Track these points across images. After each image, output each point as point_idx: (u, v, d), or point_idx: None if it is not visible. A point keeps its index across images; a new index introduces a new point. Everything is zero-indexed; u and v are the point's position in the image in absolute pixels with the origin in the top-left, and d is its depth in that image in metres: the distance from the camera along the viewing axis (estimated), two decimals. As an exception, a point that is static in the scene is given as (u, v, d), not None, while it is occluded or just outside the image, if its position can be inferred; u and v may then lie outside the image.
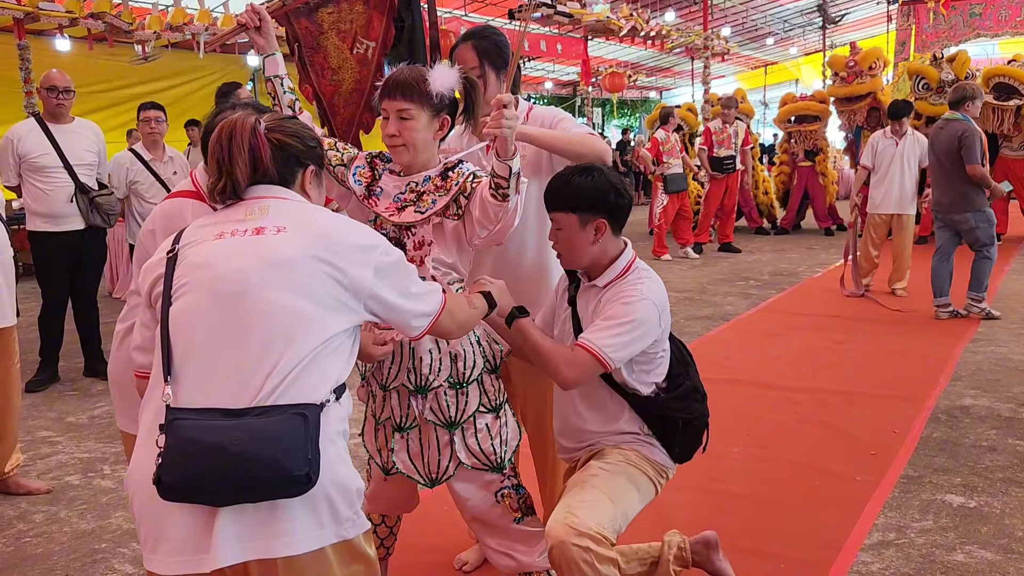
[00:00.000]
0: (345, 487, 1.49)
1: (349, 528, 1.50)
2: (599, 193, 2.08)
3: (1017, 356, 4.99)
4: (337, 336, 1.54)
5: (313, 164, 1.71)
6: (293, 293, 1.49)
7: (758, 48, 23.98)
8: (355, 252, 1.57)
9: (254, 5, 2.20)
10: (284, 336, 1.46)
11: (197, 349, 1.48)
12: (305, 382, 1.46)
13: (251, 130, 1.59)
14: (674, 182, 9.45)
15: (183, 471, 1.38)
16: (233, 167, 1.58)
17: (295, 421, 1.40)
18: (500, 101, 1.85)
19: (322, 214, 1.63)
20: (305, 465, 1.38)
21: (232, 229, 1.56)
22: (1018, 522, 2.89)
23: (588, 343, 2.03)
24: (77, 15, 9.31)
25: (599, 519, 1.95)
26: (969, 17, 12.76)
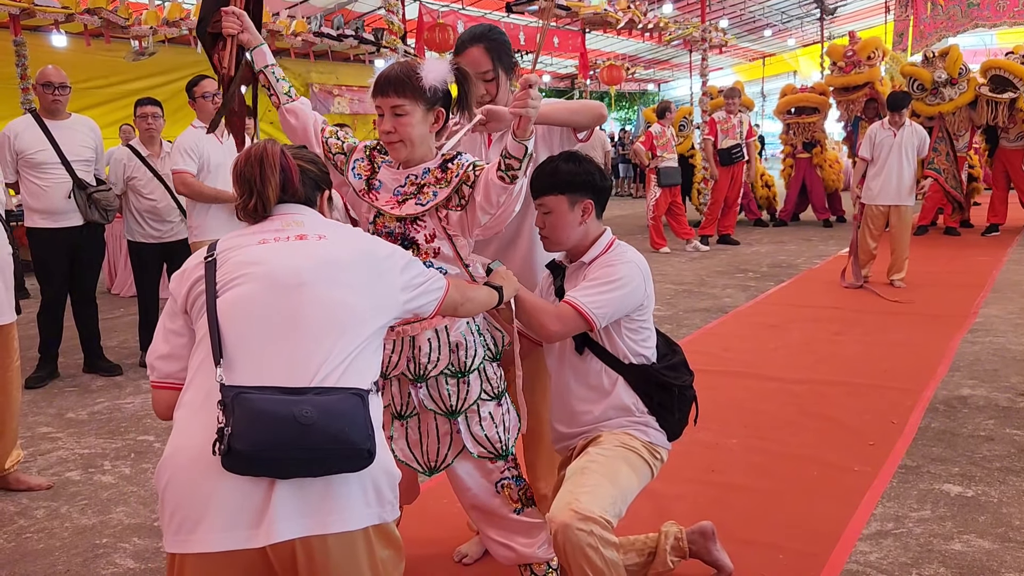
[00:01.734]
0: (391, 471, 1.57)
1: (390, 511, 1.57)
2: (587, 175, 2.21)
3: (1015, 346, 5.01)
4: (377, 333, 1.65)
5: (328, 188, 1.85)
6: (345, 289, 1.60)
7: (756, 40, 23.94)
8: (384, 260, 1.71)
9: (230, 8, 2.17)
10: (338, 328, 1.56)
11: (252, 334, 1.54)
12: (355, 372, 1.55)
13: (281, 153, 1.71)
14: (667, 175, 9.45)
15: (257, 438, 1.40)
16: (265, 187, 1.67)
17: (354, 400, 1.49)
18: (527, 81, 1.87)
19: (350, 228, 1.78)
20: (368, 440, 1.47)
21: (274, 236, 1.65)
22: (1015, 511, 2.90)
23: (573, 299, 2.14)
24: (73, 11, 9.30)
25: (602, 503, 1.98)
26: (967, 7, 12.72)
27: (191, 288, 1.63)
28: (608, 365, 2.22)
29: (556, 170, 2.20)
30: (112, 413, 4.39)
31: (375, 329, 1.64)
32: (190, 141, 4.72)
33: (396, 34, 8.94)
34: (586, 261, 2.24)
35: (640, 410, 2.21)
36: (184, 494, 1.46)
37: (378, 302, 1.66)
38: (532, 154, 1.92)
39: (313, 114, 2.21)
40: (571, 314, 2.12)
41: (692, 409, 2.33)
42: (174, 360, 1.65)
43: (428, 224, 2.06)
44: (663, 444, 2.25)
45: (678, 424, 2.27)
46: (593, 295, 2.13)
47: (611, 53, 21.27)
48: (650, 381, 2.22)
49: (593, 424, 2.24)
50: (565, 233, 2.23)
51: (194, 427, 1.49)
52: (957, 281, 7.12)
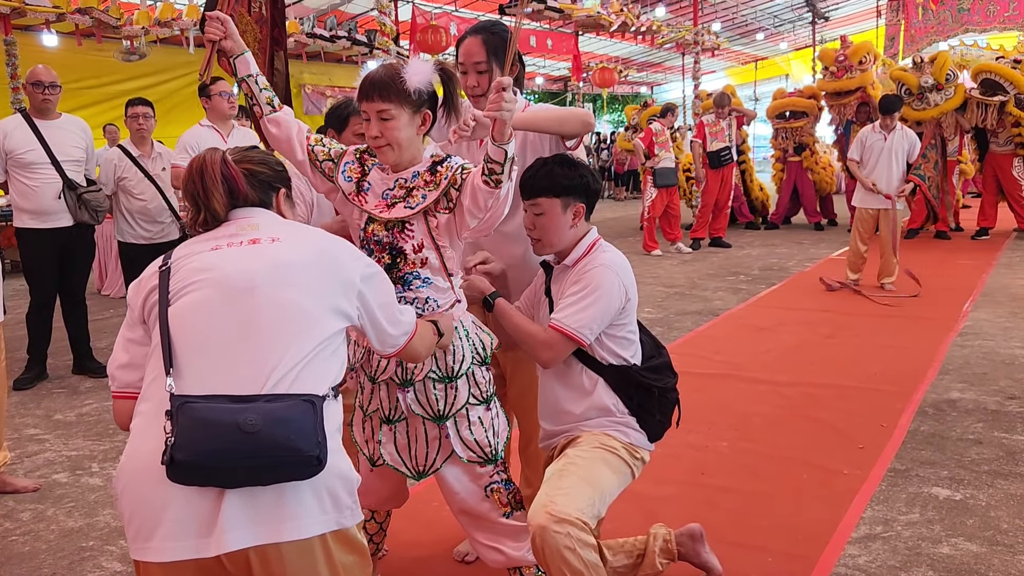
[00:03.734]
0: (347, 477, 1.55)
1: (349, 517, 1.55)
2: (581, 179, 2.23)
3: (1004, 350, 5.03)
4: (334, 337, 1.61)
5: (283, 187, 1.80)
6: (298, 292, 1.57)
7: (748, 43, 24.04)
8: (347, 259, 1.68)
9: (213, 14, 2.16)
10: (291, 331, 1.54)
11: (203, 341, 1.52)
12: (309, 377, 1.52)
13: (221, 162, 1.68)
14: (664, 176, 9.46)
15: (199, 448, 1.39)
16: (210, 200, 1.65)
17: (305, 406, 1.46)
18: (500, 84, 1.85)
19: (308, 228, 1.75)
20: (316, 447, 1.44)
21: (227, 241, 1.63)
22: (1003, 514, 2.91)
23: (558, 324, 2.15)
24: (64, 10, 9.27)
25: (578, 505, 1.98)
26: (958, 12, 12.81)
27: (147, 297, 1.61)
28: (588, 366, 2.23)
29: (551, 173, 2.21)
30: (101, 415, 4.36)
31: (332, 332, 1.60)
32: (193, 138, 4.81)
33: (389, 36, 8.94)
34: (569, 264, 2.25)
35: (620, 411, 2.23)
36: (138, 503, 1.46)
37: (334, 303, 1.63)
38: (513, 157, 1.91)
39: (296, 123, 2.17)
40: (559, 339, 2.15)
41: (675, 411, 2.34)
42: (133, 369, 1.64)
43: (416, 233, 2.05)
44: (644, 445, 2.26)
45: (659, 426, 2.29)
46: (575, 313, 2.14)
47: (604, 56, 21.33)
48: (630, 382, 2.24)
49: (574, 423, 2.25)
50: (556, 235, 2.24)
51: (147, 436, 1.48)
52: (947, 285, 7.15)
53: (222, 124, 4.93)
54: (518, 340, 2.23)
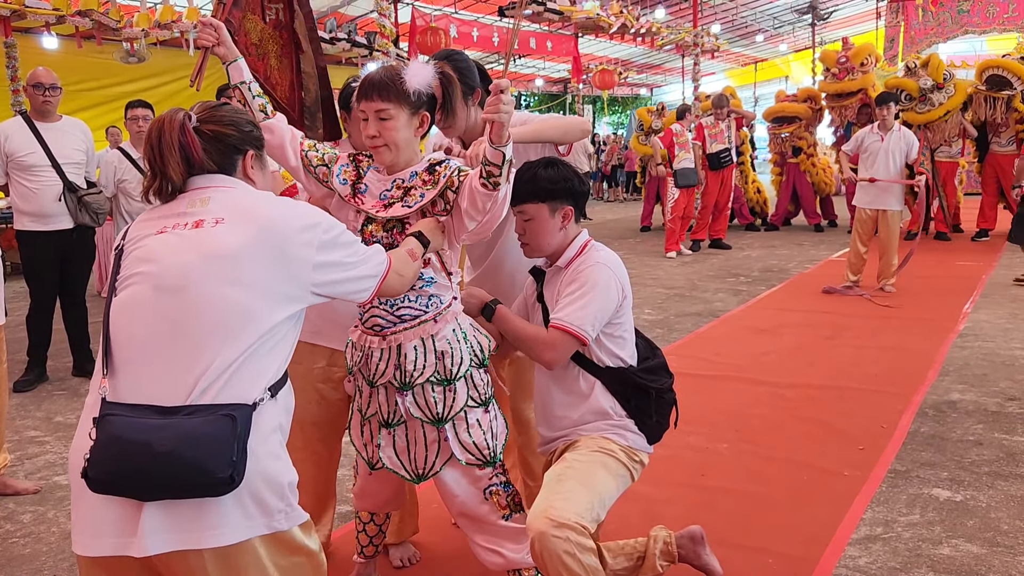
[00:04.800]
0: (276, 481, 1.50)
1: (282, 520, 1.51)
2: (566, 182, 2.23)
3: (1004, 351, 5.03)
4: (279, 327, 1.56)
5: (252, 148, 1.72)
6: (233, 287, 1.51)
7: (748, 45, 24.05)
8: (297, 234, 1.59)
9: (206, 20, 2.16)
10: (221, 332, 1.48)
11: (136, 344, 1.50)
12: (240, 381, 1.47)
13: (180, 128, 1.59)
14: (684, 176, 9.44)
15: (109, 467, 1.40)
16: (166, 167, 1.59)
17: (222, 423, 1.42)
18: (498, 86, 1.86)
19: (263, 200, 1.64)
20: (228, 467, 1.39)
21: (174, 223, 1.57)
22: (1003, 515, 2.91)
23: (560, 322, 2.15)
24: (64, 12, 9.27)
25: (578, 509, 1.98)
26: (957, 14, 12.81)
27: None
28: (585, 369, 2.23)
29: (535, 177, 2.21)
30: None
31: (275, 323, 1.54)
32: None
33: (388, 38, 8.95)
34: (562, 265, 2.26)
35: (618, 413, 2.23)
36: (74, 496, 1.49)
37: (279, 289, 1.55)
38: (511, 160, 1.91)
39: (289, 129, 2.18)
40: (561, 338, 2.14)
41: (672, 413, 2.34)
42: None
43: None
44: (643, 447, 2.26)
45: (657, 427, 2.29)
46: (575, 310, 2.14)
47: (604, 57, 21.35)
48: (627, 384, 2.24)
49: (572, 427, 2.25)
50: (546, 240, 2.25)
51: (81, 434, 1.49)
52: (947, 286, 7.15)
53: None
54: (520, 344, 2.23)
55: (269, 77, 2.66)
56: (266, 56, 2.66)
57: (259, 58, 2.62)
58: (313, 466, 2.60)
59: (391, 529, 2.66)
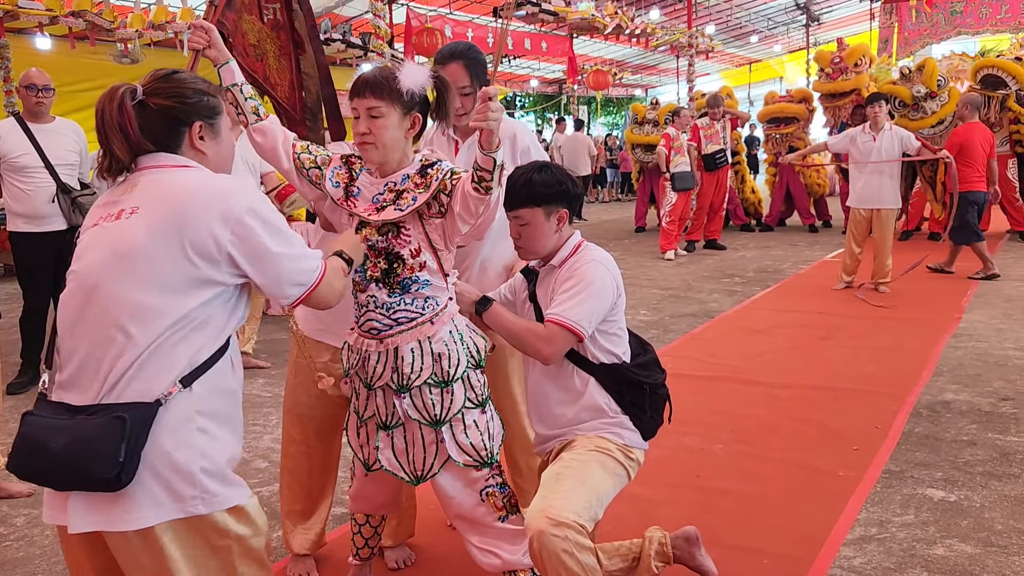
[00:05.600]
0: (184, 470, 1.53)
1: (198, 505, 1.55)
2: (561, 185, 2.24)
3: (997, 351, 5.05)
4: (195, 313, 1.55)
5: (199, 119, 1.68)
6: (134, 285, 1.53)
7: (742, 46, 24.09)
8: (212, 216, 1.56)
9: (198, 22, 2.17)
10: (123, 331, 1.52)
11: (65, 342, 1.58)
12: (143, 379, 1.51)
13: (118, 105, 1.58)
14: (681, 179, 9.44)
15: (17, 462, 1.54)
16: (111, 144, 1.60)
17: (111, 425, 1.47)
18: (486, 94, 1.86)
19: (189, 180, 1.61)
20: (114, 468, 1.45)
21: (106, 213, 1.61)
22: (997, 515, 2.92)
23: (556, 316, 2.14)
24: (58, 13, 9.24)
25: (576, 508, 1.99)
26: (950, 15, 12.86)
27: None
28: (579, 366, 2.24)
29: (530, 181, 2.21)
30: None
31: (186, 311, 1.54)
32: None
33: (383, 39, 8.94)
34: (556, 264, 2.27)
35: (613, 410, 2.23)
36: None
37: (187, 276, 1.54)
38: (503, 164, 1.92)
39: (282, 131, 2.18)
40: (558, 332, 2.14)
41: (666, 408, 2.35)
42: None
43: (413, 238, 2.05)
44: (638, 445, 2.27)
45: (651, 422, 2.30)
46: (573, 306, 2.14)
47: (598, 58, 21.35)
48: (621, 380, 2.25)
49: (568, 426, 2.26)
50: (542, 243, 2.25)
51: None
52: (941, 286, 7.18)
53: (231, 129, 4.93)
54: (515, 340, 2.22)
55: (268, 77, 2.66)
56: (265, 57, 2.66)
57: (258, 59, 2.61)
58: (307, 459, 2.61)
59: (388, 531, 2.66)
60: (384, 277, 2.05)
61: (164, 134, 1.64)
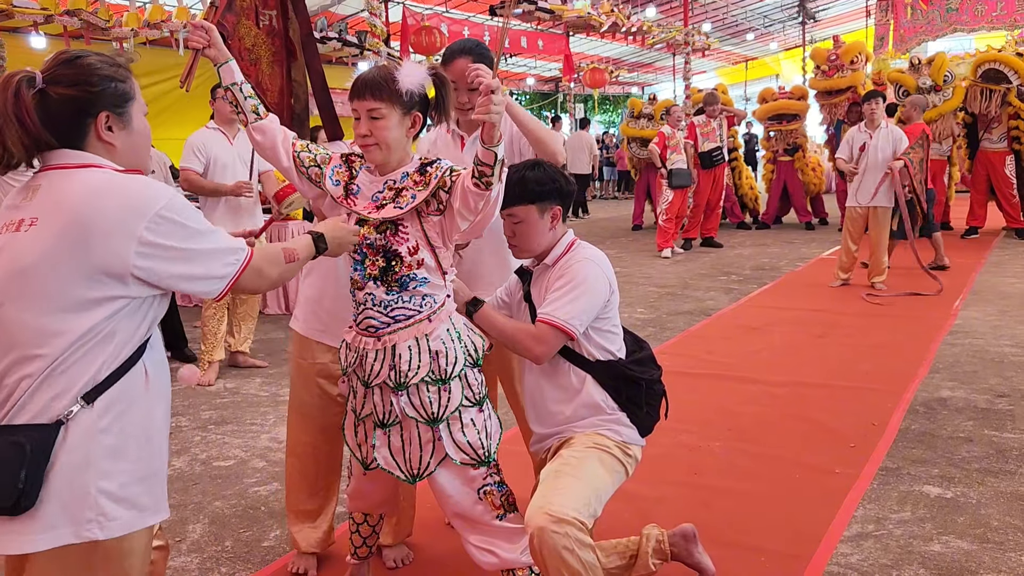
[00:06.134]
0: (82, 493, 1.45)
1: (94, 529, 1.46)
2: (553, 183, 2.25)
3: (993, 348, 5.06)
4: (98, 327, 1.46)
5: (105, 108, 1.54)
6: (32, 307, 1.44)
7: (738, 44, 24.09)
8: (115, 223, 1.45)
9: (198, 22, 2.17)
10: (17, 353, 1.45)
11: None
12: (42, 397, 1.44)
13: (14, 93, 1.45)
14: (678, 177, 9.45)
15: None
16: (4, 137, 1.47)
17: (12, 452, 1.41)
18: (489, 87, 1.86)
19: (91, 184, 1.48)
20: (13, 495, 1.39)
21: (10, 219, 1.50)
22: (994, 512, 2.93)
23: (548, 316, 2.16)
24: (53, 12, 9.22)
25: (575, 505, 1.99)
26: (946, 12, 12.86)
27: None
28: (575, 364, 2.25)
29: (523, 179, 2.22)
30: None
31: (86, 329, 1.45)
32: (199, 140, 4.83)
33: (379, 37, 8.93)
34: (549, 263, 2.27)
35: (611, 407, 2.24)
36: None
37: (87, 294, 1.44)
38: (504, 159, 1.92)
39: (282, 130, 2.19)
40: (549, 332, 2.15)
41: (662, 403, 2.36)
42: None
43: (411, 235, 2.05)
44: (636, 441, 2.28)
45: (648, 419, 2.31)
46: (564, 305, 2.15)
47: (595, 56, 21.35)
48: (618, 376, 2.25)
49: (566, 424, 2.26)
50: (536, 241, 2.26)
51: None
52: (937, 283, 7.18)
53: (228, 127, 4.93)
54: (506, 340, 2.23)
55: (260, 83, 2.67)
56: (258, 62, 2.67)
57: (252, 63, 2.63)
58: (314, 459, 2.63)
59: (386, 530, 2.67)
60: (382, 275, 2.06)
61: (67, 126, 1.51)
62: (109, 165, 1.55)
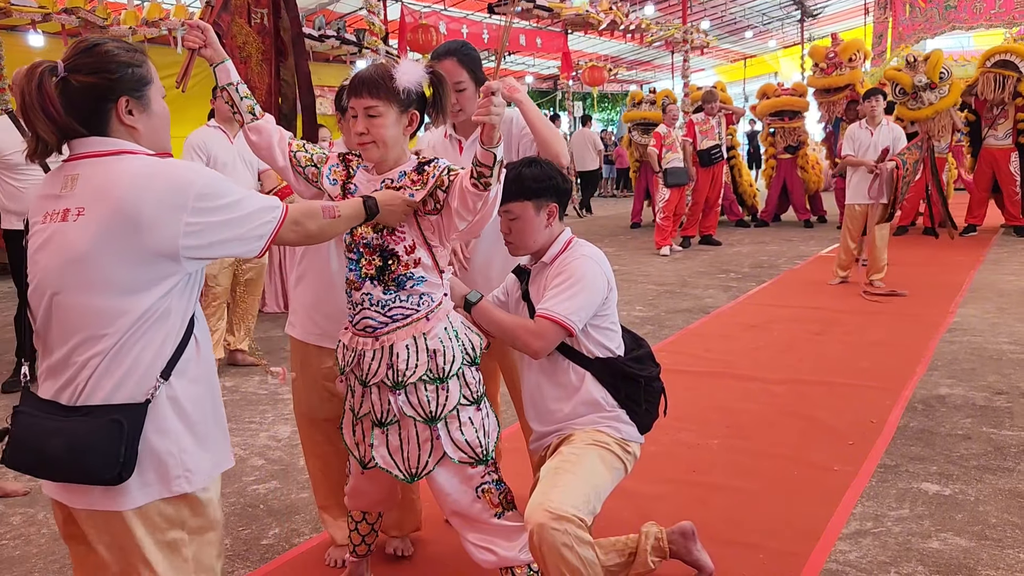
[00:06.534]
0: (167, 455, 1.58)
1: (182, 484, 1.60)
2: (550, 180, 2.27)
3: (992, 345, 5.06)
4: (157, 304, 1.56)
5: (125, 94, 1.60)
6: (91, 292, 1.52)
7: (737, 41, 24.07)
8: (161, 209, 1.51)
9: (194, 22, 2.16)
10: (81, 336, 1.54)
11: (40, 337, 1.61)
12: (118, 375, 1.54)
13: (37, 85, 1.51)
14: (674, 175, 9.45)
15: (16, 464, 1.57)
16: (36, 127, 1.53)
17: (110, 429, 1.51)
18: (488, 88, 1.86)
19: (126, 170, 1.54)
20: (115, 468, 1.51)
21: (52, 209, 1.57)
22: (992, 509, 2.93)
23: (547, 311, 2.16)
24: (50, 10, 9.19)
25: (575, 502, 2.00)
26: (945, 10, 12.87)
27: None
28: (574, 361, 2.25)
29: (520, 176, 2.23)
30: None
31: (147, 307, 1.54)
32: (199, 139, 4.83)
33: (377, 35, 8.91)
34: (547, 261, 2.28)
35: (610, 404, 2.25)
36: None
37: (141, 275, 1.52)
38: (502, 160, 1.92)
39: (278, 129, 2.19)
40: (549, 327, 2.15)
41: (661, 401, 2.37)
42: None
43: (407, 235, 2.05)
44: (635, 438, 2.29)
45: (647, 415, 2.31)
46: (563, 301, 2.16)
47: (593, 54, 21.33)
48: (617, 374, 2.26)
49: (565, 421, 2.27)
50: (532, 237, 2.27)
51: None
52: (935, 281, 7.19)
53: (228, 125, 4.93)
54: (505, 335, 2.23)
55: (250, 80, 2.68)
56: (248, 60, 2.68)
57: (242, 61, 2.64)
58: (336, 457, 2.64)
59: (393, 522, 2.70)
60: (379, 274, 2.06)
61: (89, 112, 1.57)
62: (141, 150, 1.61)
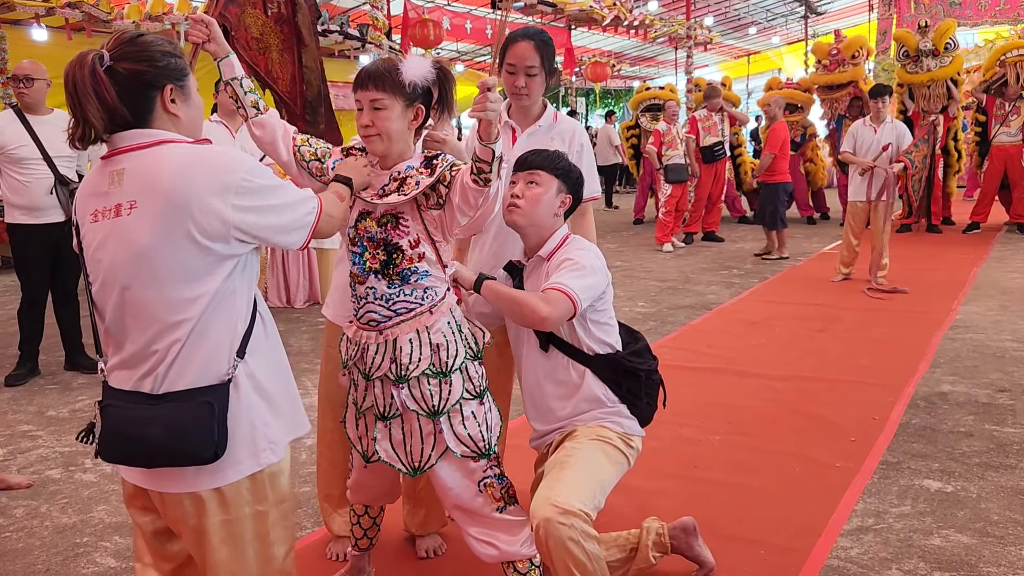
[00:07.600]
0: (252, 430, 1.66)
1: (268, 456, 1.69)
2: (577, 173, 2.33)
3: (994, 343, 5.06)
4: (223, 286, 1.62)
5: (170, 82, 1.64)
6: (160, 283, 1.57)
7: (741, 37, 24.03)
8: (209, 195, 1.55)
9: (198, 16, 2.15)
10: (159, 325, 1.59)
11: (113, 331, 1.64)
12: (198, 359, 1.60)
13: (91, 71, 1.54)
14: (675, 172, 9.45)
15: (113, 457, 1.64)
16: (86, 113, 1.56)
17: (202, 411, 1.58)
18: (485, 84, 1.86)
19: (174, 162, 1.57)
20: (211, 447, 1.59)
21: (102, 205, 1.60)
22: (994, 506, 2.93)
23: (557, 284, 2.14)
24: (54, 4, 9.20)
25: (581, 496, 2.00)
26: (949, 6, 12.85)
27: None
28: (573, 359, 2.25)
29: (558, 155, 2.29)
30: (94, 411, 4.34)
31: (214, 288, 1.60)
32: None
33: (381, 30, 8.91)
34: (544, 255, 2.28)
35: (611, 400, 2.25)
36: None
37: (203, 261, 1.57)
38: (501, 156, 1.92)
39: (282, 124, 2.19)
40: (558, 296, 2.09)
41: (660, 393, 2.37)
42: None
43: (411, 229, 2.05)
44: (637, 432, 2.30)
45: (647, 409, 2.32)
46: (573, 279, 2.14)
47: (597, 50, 21.29)
48: (616, 369, 2.26)
49: (568, 419, 2.27)
50: (540, 211, 2.25)
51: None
52: (938, 278, 7.18)
53: (230, 120, 4.92)
54: (515, 306, 2.15)
55: (271, 71, 2.67)
56: (267, 50, 2.66)
57: (260, 52, 2.62)
58: (342, 446, 2.62)
59: (417, 521, 2.71)
60: (383, 268, 2.06)
61: (137, 99, 1.60)
62: (180, 139, 1.65)
